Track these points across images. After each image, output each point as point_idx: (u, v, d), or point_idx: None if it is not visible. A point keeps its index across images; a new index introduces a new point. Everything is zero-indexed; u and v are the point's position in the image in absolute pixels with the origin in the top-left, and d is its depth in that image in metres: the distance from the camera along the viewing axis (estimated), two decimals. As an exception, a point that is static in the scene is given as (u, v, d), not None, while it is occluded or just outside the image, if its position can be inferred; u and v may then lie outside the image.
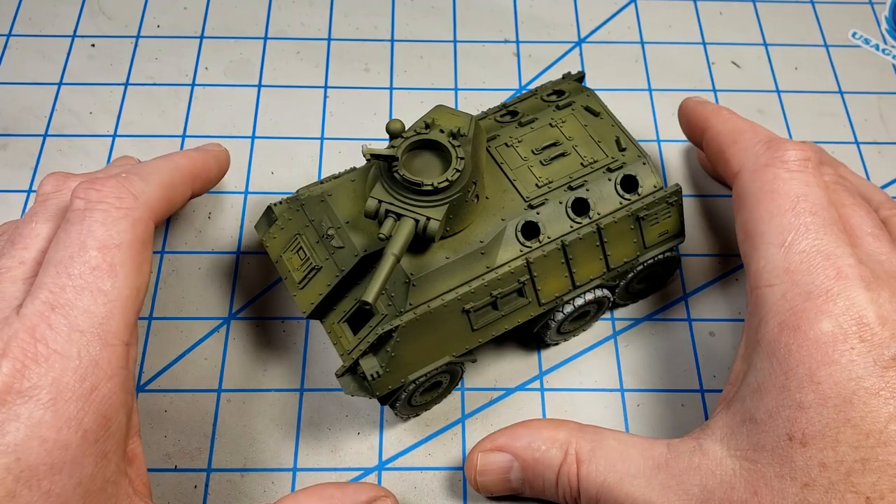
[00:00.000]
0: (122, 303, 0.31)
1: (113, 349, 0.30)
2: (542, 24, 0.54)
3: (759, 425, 0.31)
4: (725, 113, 0.41)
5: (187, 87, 0.51)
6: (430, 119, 0.35)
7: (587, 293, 0.38)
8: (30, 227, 0.33)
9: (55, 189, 0.35)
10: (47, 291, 0.30)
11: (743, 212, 0.36)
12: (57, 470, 0.28)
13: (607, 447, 0.34)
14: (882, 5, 0.56)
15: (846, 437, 0.29)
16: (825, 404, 0.29)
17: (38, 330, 0.29)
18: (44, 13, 0.54)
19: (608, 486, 0.33)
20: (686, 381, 0.41)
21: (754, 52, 0.54)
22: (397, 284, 0.34)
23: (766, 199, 0.35)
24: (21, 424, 0.28)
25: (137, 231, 0.33)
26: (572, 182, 0.37)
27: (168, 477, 0.38)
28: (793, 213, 0.34)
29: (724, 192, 0.47)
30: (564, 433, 0.34)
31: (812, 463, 0.29)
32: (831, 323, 0.31)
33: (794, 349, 0.31)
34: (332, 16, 0.54)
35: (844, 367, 0.30)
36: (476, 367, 0.41)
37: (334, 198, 0.37)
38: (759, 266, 0.34)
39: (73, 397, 0.29)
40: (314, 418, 0.40)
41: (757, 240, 0.34)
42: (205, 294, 0.43)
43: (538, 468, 0.34)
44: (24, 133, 0.48)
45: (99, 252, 0.31)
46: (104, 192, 0.33)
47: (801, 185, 0.34)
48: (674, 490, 0.32)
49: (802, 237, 0.33)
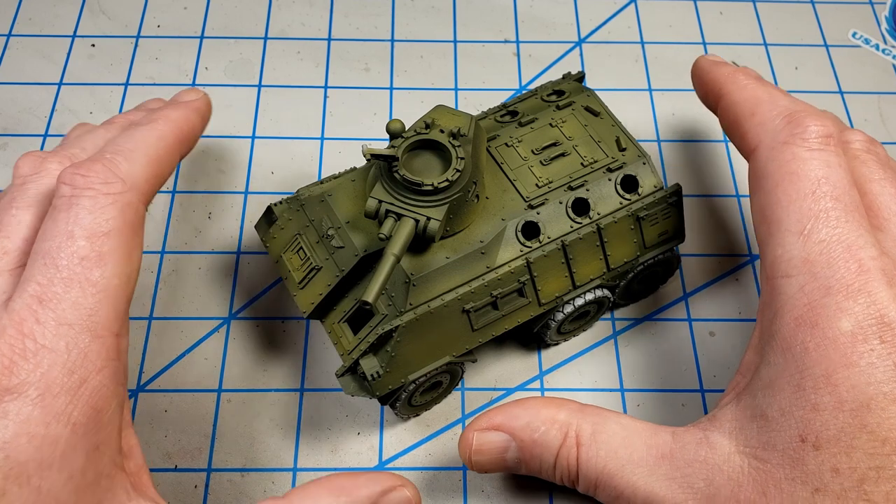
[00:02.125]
0: (111, 293, 0.31)
1: (102, 341, 0.30)
2: (542, 24, 0.54)
3: (771, 423, 0.30)
4: (742, 78, 0.38)
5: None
6: (430, 119, 0.35)
7: (587, 293, 0.38)
8: (10, 214, 0.32)
9: (33, 171, 0.34)
10: (35, 284, 0.29)
11: (760, 194, 0.34)
12: (47, 466, 0.27)
13: (609, 432, 0.33)
14: (882, 5, 0.56)
15: (861, 444, 0.28)
16: (841, 408, 0.28)
17: (25, 325, 0.29)
18: (44, 13, 0.54)
19: (609, 472, 0.32)
20: (686, 381, 0.41)
21: (754, 52, 0.54)
22: (397, 284, 0.34)
23: (784, 181, 0.33)
24: (9, 422, 0.27)
25: (127, 216, 0.32)
26: (572, 182, 0.37)
27: (168, 477, 0.38)
28: (813, 197, 0.32)
29: (725, 192, 0.48)
30: (565, 414, 0.33)
31: (825, 468, 0.28)
32: (851, 322, 0.29)
33: (811, 347, 0.30)
34: (332, 16, 0.54)
35: (863, 371, 0.29)
36: (476, 367, 0.41)
37: (334, 198, 0.37)
38: (777, 255, 0.32)
39: (62, 392, 0.28)
40: (314, 418, 0.40)
41: (774, 226, 0.33)
42: (205, 294, 0.43)
43: (536, 450, 0.33)
44: (24, 133, 0.48)
45: (87, 241, 0.30)
46: (91, 177, 0.32)
47: (822, 165, 0.33)
48: (678, 482, 0.31)
49: (823, 225, 0.31)
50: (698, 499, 0.30)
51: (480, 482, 0.38)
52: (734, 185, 0.48)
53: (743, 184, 0.48)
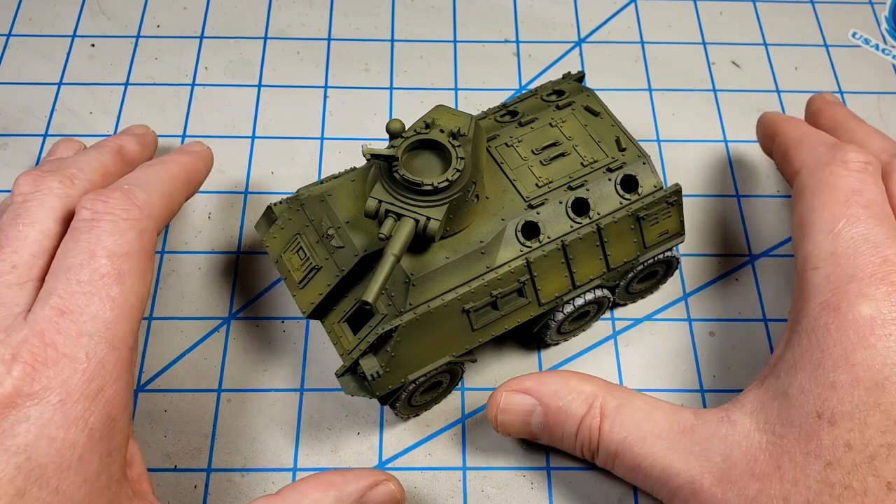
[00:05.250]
0: (127, 309, 0.32)
1: (119, 353, 0.31)
2: (542, 24, 0.54)
3: (791, 400, 0.31)
4: (795, 121, 0.42)
5: (187, 86, 0.51)
6: (430, 119, 0.35)
7: (587, 293, 0.38)
8: (16, 229, 0.34)
9: (34, 188, 0.35)
10: (57, 297, 0.31)
11: (799, 204, 0.36)
12: (65, 468, 0.29)
13: (633, 406, 0.34)
14: (882, 5, 0.56)
15: (874, 421, 0.29)
16: (857, 386, 0.30)
17: (47, 335, 0.30)
18: (44, 13, 0.54)
19: (629, 443, 0.33)
20: (686, 381, 0.41)
21: (754, 52, 0.54)
22: (397, 284, 0.34)
23: (821, 191, 0.35)
24: (31, 425, 0.29)
25: (143, 241, 0.34)
26: (572, 182, 0.37)
27: (168, 477, 0.38)
28: (845, 204, 0.34)
29: (725, 192, 0.48)
30: (592, 387, 0.35)
31: (838, 443, 0.29)
32: (871, 307, 0.31)
33: (832, 329, 0.31)
34: (332, 16, 0.54)
35: (880, 352, 0.30)
36: (476, 367, 0.41)
37: (334, 198, 0.37)
38: (808, 251, 0.34)
39: (81, 398, 0.30)
40: (314, 418, 0.40)
41: (808, 228, 0.35)
42: (205, 294, 0.43)
43: (560, 416, 0.34)
44: (24, 133, 0.48)
45: (108, 260, 0.32)
46: (110, 203, 0.34)
47: (858, 181, 0.35)
48: (696, 456, 0.32)
49: (852, 226, 0.33)
50: (714, 472, 0.31)
51: (480, 482, 0.38)
52: (734, 185, 0.48)
53: (743, 184, 0.48)
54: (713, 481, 0.31)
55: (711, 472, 0.31)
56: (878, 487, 0.28)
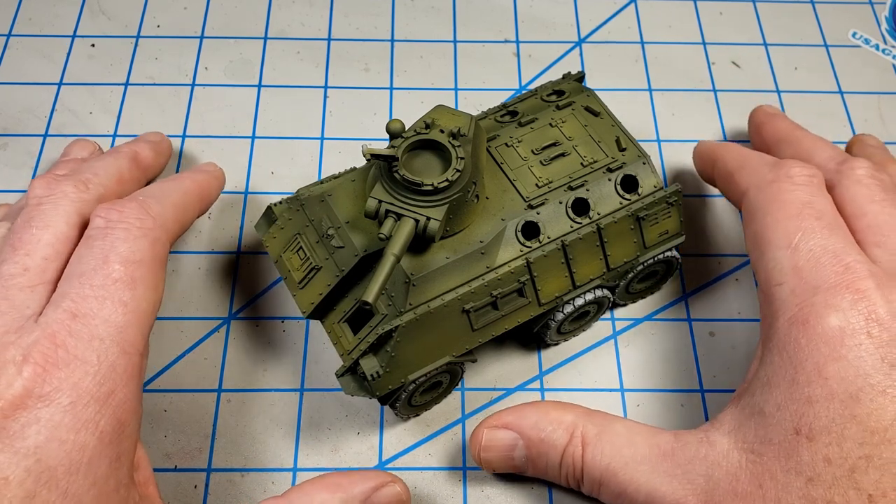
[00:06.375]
0: (139, 315, 0.33)
1: (129, 357, 0.32)
2: (542, 24, 0.54)
3: (767, 418, 0.31)
4: (733, 146, 0.42)
5: (187, 86, 0.51)
6: (430, 119, 0.35)
7: (587, 293, 0.38)
8: (29, 232, 0.34)
9: (48, 192, 0.36)
10: (69, 301, 0.31)
11: (752, 224, 0.36)
12: (74, 470, 0.29)
13: (613, 432, 0.34)
14: (882, 5, 0.56)
15: (851, 434, 0.29)
16: (832, 399, 0.30)
17: (58, 336, 0.30)
18: (44, 13, 0.54)
19: (612, 470, 0.33)
20: (686, 381, 0.41)
21: (754, 52, 0.54)
22: (397, 284, 0.34)
23: (772, 208, 0.35)
24: (41, 427, 0.29)
25: (156, 250, 0.35)
26: (572, 182, 0.37)
27: (168, 477, 0.38)
28: (798, 217, 0.34)
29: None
30: (572, 416, 0.35)
31: (817, 458, 0.29)
32: (839, 317, 0.31)
33: (803, 343, 0.31)
34: (332, 16, 0.54)
35: (852, 363, 0.30)
36: (476, 367, 0.41)
37: (334, 198, 0.37)
38: (769, 268, 0.34)
39: (92, 400, 0.30)
40: (314, 418, 0.40)
41: (765, 245, 0.35)
42: (205, 294, 0.43)
43: (543, 448, 0.34)
44: (24, 133, 0.48)
45: (121, 266, 0.33)
46: (125, 212, 0.34)
47: (807, 194, 0.35)
48: (678, 478, 0.32)
49: (809, 238, 0.33)
50: (697, 493, 0.31)
51: (480, 482, 0.38)
52: (734, 185, 0.48)
53: (743, 184, 0.48)
54: (698, 503, 0.31)
55: (695, 493, 0.31)
56: (860, 500, 0.28)
